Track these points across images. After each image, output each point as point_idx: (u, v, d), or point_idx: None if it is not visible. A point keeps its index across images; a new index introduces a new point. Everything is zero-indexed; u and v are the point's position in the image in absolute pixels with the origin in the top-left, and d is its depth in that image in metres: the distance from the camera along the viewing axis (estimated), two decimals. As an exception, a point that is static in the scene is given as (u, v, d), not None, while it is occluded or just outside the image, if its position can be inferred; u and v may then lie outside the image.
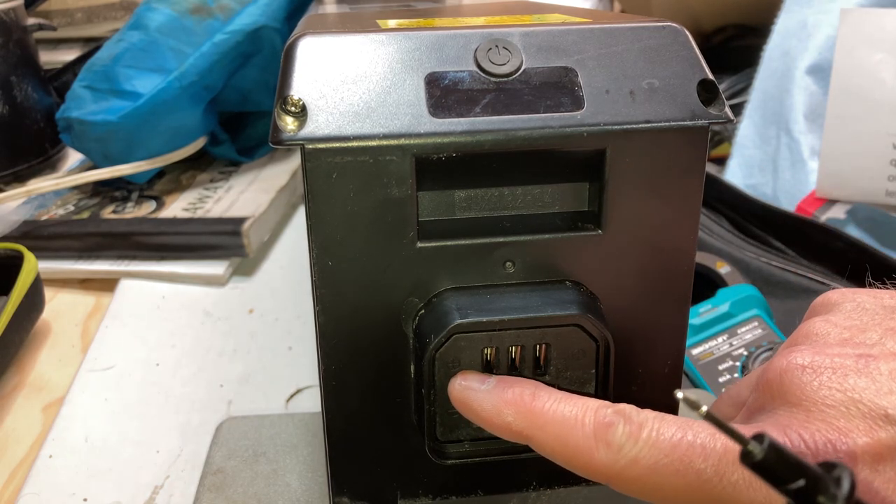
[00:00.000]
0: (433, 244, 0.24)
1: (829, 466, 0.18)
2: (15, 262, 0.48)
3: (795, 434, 0.20)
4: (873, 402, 0.20)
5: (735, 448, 0.19)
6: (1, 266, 0.48)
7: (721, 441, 0.20)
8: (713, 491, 0.20)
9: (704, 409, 0.18)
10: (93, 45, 0.83)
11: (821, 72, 0.60)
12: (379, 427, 0.26)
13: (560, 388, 0.24)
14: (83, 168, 0.64)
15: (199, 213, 0.60)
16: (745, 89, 0.68)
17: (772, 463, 0.18)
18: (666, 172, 0.24)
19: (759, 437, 0.18)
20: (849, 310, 0.24)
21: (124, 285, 0.54)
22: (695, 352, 0.44)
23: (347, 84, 0.22)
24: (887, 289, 0.25)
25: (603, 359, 0.24)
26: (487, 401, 0.23)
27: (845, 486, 0.17)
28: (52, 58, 0.84)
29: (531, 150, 0.23)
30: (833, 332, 0.23)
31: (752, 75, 0.66)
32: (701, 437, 0.20)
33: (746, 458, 0.18)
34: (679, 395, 0.19)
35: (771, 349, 0.42)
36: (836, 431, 0.20)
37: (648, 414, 0.21)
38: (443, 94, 0.22)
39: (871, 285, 0.27)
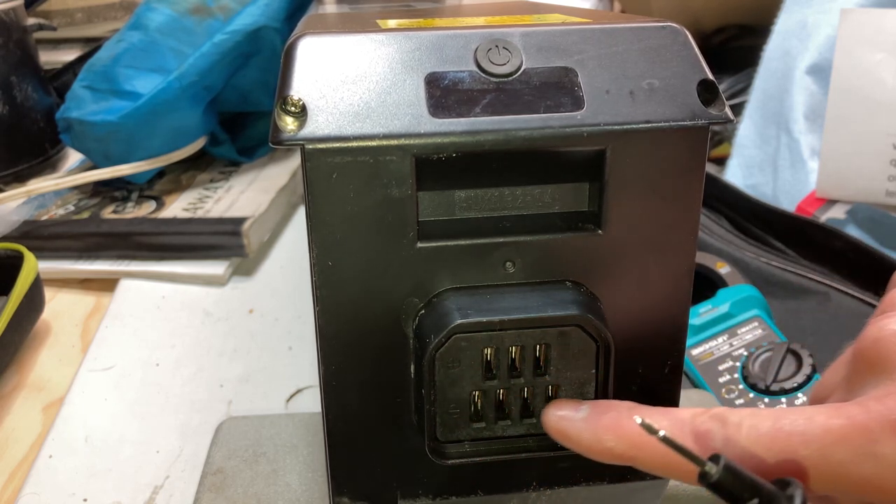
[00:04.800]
0: (433, 244, 0.23)
1: (783, 484, 0.19)
2: (15, 262, 0.48)
3: (894, 401, 0.20)
4: None
5: (836, 427, 0.20)
6: (1, 266, 0.48)
7: (819, 423, 0.20)
8: (821, 474, 0.20)
9: (662, 433, 0.20)
10: (93, 45, 0.83)
11: (821, 72, 0.60)
12: (379, 427, 0.26)
13: (560, 389, 0.24)
14: (83, 168, 0.64)
15: (199, 213, 0.60)
16: (745, 89, 0.68)
17: (728, 482, 0.19)
18: (666, 172, 0.24)
19: (715, 458, 0.19)
20: None
21: (124, 285, 0.54)
22: (695, 352, 0.44)
23: (347, 84, 0.22)
24: None
25: (603, 359, 0.24)
26: (586, 429, 0.23)
27: (797, 502, 0.18)
28: (52, 58, 0.84)
29: (531, 150, 0.23)
30: None
31: (752, 75, 0.66)
32: (798, 424, 0.20)
33: (703, 478, 0.19)
34: (637, 420, 0.20)
35: (771, 349, 0.42)
36: None
37: (743, 412, 0.21)
38: (443, 94, 0.22)
39: None
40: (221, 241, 0.56)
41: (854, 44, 0.55)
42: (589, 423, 0.23)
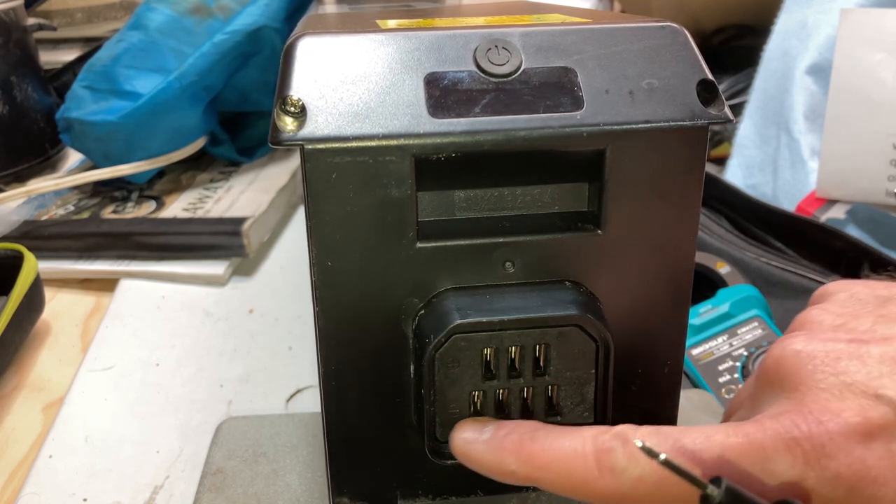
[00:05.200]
0: (433, 244, 0.24)
1: None
2: (15, 262, 0.48)
3: (788, 420, 0.20)
4: (864, 384, 0.20)
5: (734, 445, 0.20)
6: (1, 266, 0.48)
7: (717, 442, 0.20)
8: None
9: (663, 456, 0.19)
10: (93, 45, 0.83)
11: (821, 72, 0.60)
12: (379, 427, 0.26)
13: (559, 389, 0.24)
14: (83, 168, 0.64)
15: (199, 213, 0.60)
16: (745, 89, 0.68)
17: None
18: (666, 172, 0.24)
19: (716, 481, 0.19)
20: (843, 299, 0.24)
21: (124, 285, 0.54)
22: (695, 352, 0.44)
23: (347, 84, 0.22)
24: (882, 280, 0.25)
25: (603, 359, 0.24)
26: (488, 452, 0.23)
27: None
28: (52, 58, 0.84)
29: (531, 150, 0.23)
30: (827, 319, 0.24)
31: (752, 75, 0.66)
32: (698, 442, 0.20)
33: (705, 501, 0.19)
34: (638, 443, 0.20)
35: (771, 349, 0.42)
36: (828, 413, 0.20)
37: (645, 431, 0.21)
38: (442, 94, 0.22)
39: (868, 277, 0.28)
40: (221, 241, 0.56)
41: (854, 44, 0.55)
42: (491, 445, 0.23)
